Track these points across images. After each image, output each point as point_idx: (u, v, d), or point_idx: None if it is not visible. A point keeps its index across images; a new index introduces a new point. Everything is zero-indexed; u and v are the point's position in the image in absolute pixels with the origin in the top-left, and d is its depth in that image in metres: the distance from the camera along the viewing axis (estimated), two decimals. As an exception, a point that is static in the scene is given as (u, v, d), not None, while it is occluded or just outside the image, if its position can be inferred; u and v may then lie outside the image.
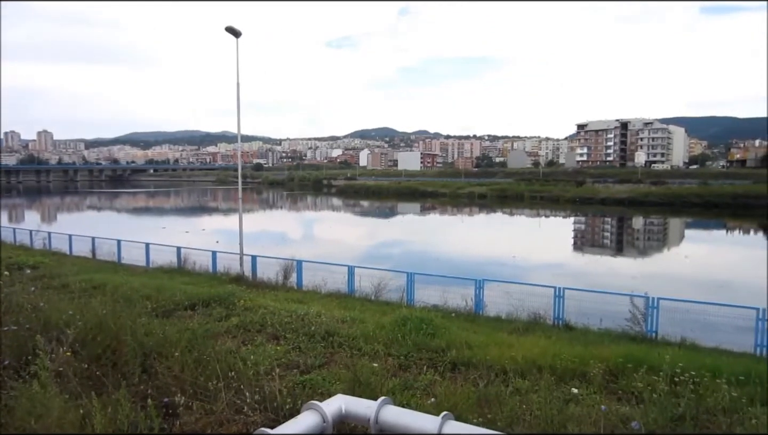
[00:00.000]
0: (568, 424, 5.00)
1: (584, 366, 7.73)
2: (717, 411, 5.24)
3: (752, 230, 60.08)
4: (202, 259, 22.83)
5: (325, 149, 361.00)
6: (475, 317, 14.74)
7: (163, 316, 10.48)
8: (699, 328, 12.77)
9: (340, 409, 2.39)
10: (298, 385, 6.57)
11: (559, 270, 30.54)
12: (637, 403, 6.27)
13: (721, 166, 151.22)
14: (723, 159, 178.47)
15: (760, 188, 76.76)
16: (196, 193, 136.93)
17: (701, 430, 4.91)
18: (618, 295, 14.68)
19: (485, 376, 7.37)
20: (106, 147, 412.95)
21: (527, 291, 15.53)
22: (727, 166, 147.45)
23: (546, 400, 5.54)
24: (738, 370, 7.41)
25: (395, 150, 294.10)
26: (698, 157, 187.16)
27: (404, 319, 10.14)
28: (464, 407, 5.54)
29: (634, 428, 4.59)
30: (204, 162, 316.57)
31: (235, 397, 5.48)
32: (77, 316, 7.56)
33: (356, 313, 12.21)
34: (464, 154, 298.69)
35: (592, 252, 42.61)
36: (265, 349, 8.32)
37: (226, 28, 21.40)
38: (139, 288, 13.80)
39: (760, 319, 12.29)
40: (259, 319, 10.54)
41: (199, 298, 12.47)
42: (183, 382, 5.75)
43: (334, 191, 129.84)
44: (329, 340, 9.27)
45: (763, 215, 66.05)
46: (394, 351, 8.71)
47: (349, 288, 18.20)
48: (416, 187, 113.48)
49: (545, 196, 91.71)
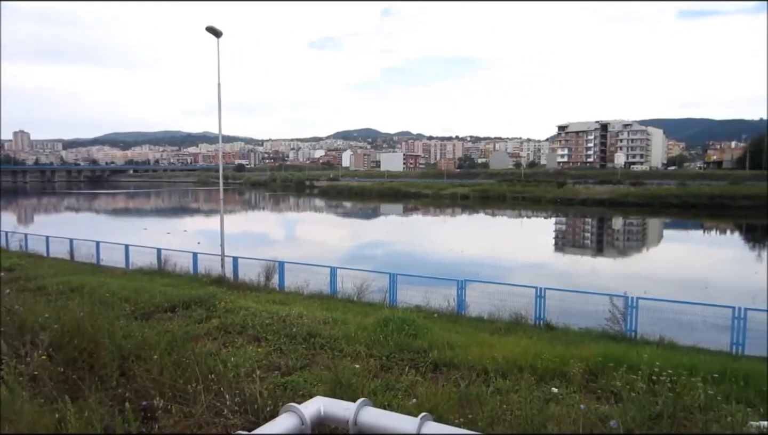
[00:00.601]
0: (548, 424, 5.03)
1: (564, 365, 7.79)
2: (694, 409, 5.32)
3: (728, 230, 61.17)
4: (183, 261, 22.60)
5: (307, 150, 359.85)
6: (457, 318, 14.79)
7: (142, 318, 10.37)
8: (677, 327, 12.95)
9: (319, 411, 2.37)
10: (279, 387, 6.54)
11: (541, 270, 30.76)
12: (616, 401, 6.34)
13: (698, 168, 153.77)
14: (700, 160, 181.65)
15: (736, 189, 78.28)
16: (177, 194, 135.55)
17: (678, 428, 4.98)
18: (598, 295, 14.82)
19: (466, 377, 7.40)
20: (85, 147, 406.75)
21: (509, 291, 15.62)
22: (704, 168, 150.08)
23: (526, 399, 5.58)
24: (714, 368, 7.53)
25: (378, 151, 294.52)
26: (676, 159, 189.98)
27: (386, 320, 10.14)
28: (445, 408, 5.55)
29: (613, 427, 4.63)
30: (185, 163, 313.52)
31: (215, 400, 5.43)
32: (54, 319, 7.43)
33: (338, 314, 12.18)
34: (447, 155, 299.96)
35: (573, 252, 43.02)
36: (245, 351, 8.26)
37: (207, 28, 21.22)
38: (118, 290, 13.62)
39: (735, 318, 12.49)
40: (240, 321, 10.47)
41: (180, 299, 12.35)
42: (162, 385, 5.69)
43: (317, 192, 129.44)
44: (311, 342, 9.24)
45: (738, 216, 67.35)
46: (376, 352, 8.70)
47: (331, 289, 18.14)
48: (399, 188, 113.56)
49: (527, 196, 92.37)
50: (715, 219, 66.89)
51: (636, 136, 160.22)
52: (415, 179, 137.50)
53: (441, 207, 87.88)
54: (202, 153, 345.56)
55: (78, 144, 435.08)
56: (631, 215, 70.73)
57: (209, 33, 21.27)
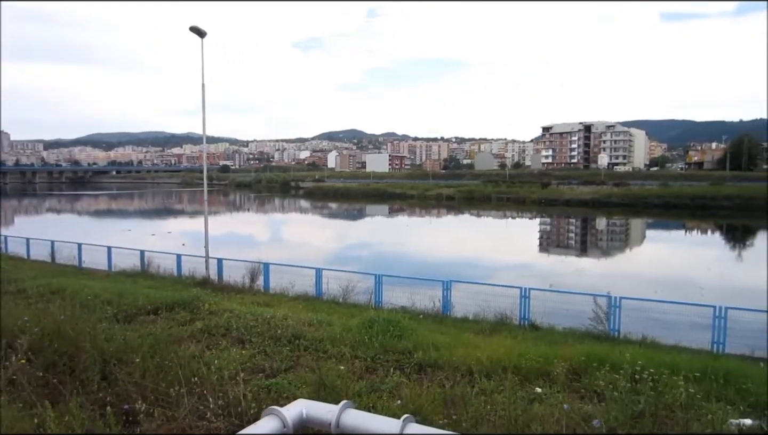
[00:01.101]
0: (531, 424, 5.06)
1: (548, 365, 7.84)
2: (675, 407, 5.38)
3: (709, 230, 62.04)
4: (167, 263, 22.40)
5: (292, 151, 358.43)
6: (442, 318, 14.83)
7: (124, 321, 10.26)
8: (659, 326, 13.10)
9: (301, 414, 2.35)
10: (263, 390, 6.50)
11: (526, 270, 30.93)
12: (599, 401, 6.39)
13: (679, 168, 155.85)
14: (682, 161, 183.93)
15: (716, 190, 79.46)
16: (160, 196, 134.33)
17: (660, 427, 5.03)
18: (582, 295, 14.93)
19: (451, 377, 7.41)
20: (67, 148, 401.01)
21: (494, 291, 15.68)
22: (686, 168, 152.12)
23: (510, 400, 5.60)
24: (695, 366, 7.63)
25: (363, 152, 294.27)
26: (658, 160, 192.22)
27: (371, 321, 10.13)
28: (430, 409, 5.55)
29: (596, 426, 4.67)
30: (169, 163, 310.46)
31: (198, 403, 5.38)
32: (33, 322, 7.33)
33: (324, 316, 12.15)
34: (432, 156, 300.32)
35: (558, 253, 43.32)
36: (229, 354, 8.20)
37: (191, 28, 21.05)
38: (100, 293, 13.45)
39: (716, 317, 12.66)
40: (224, 323, 10.39)
41: (163, 302, 12.23)
42: (144, 389, 5.63)
43: (302, 193, 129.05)
44: (295, 344, 9.19)
45: (719, 216, 68.36)
46: (361, 353, 8.69)
47: (317, 291, 18.09)
48: (384, 189, 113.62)
49: (512, 197, 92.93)
50: (697, 219, 67.79)
51: (619, 137, 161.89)
52: (401, 180, 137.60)
53: (426, 208, 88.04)
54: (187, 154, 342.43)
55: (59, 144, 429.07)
56: (615, 216, 71.44)
57: (193, 33, 21.10)
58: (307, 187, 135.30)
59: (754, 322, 12.74)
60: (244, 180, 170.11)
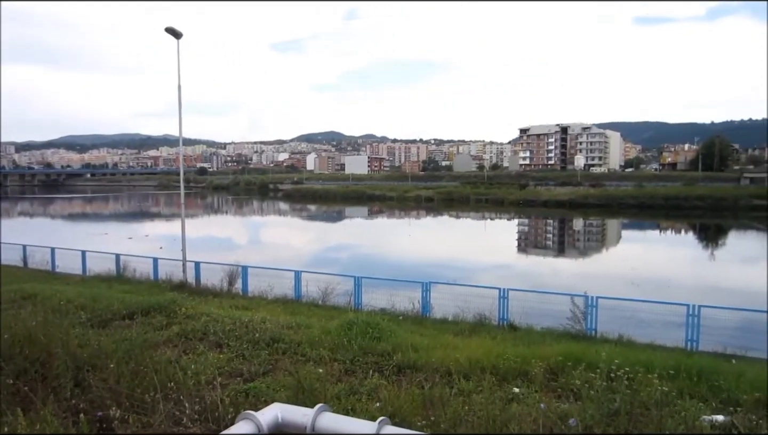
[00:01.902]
0: (509, 424, 5.09)
1: (526, 365, 7.91)
2: (650, 405, 5.45)
3: (683, 230, 63.24)
4: (144, 267, 22.09)
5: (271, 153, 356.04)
6: (422, 320, 14.86)
7: (98, 326, 10.08)
8: (635, 324, 13.31)
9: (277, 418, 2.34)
10: (240, 394, 6.44)
11: (505, 271, 31.20)
12: (576, 399, 6.47)
13: (654, 169, 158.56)
14: (656, 162, 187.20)
15: (689, 190, 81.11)
16: (137, 198, 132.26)
17: (635, 424, 5.10)
18: (560, 295, 15.09)
19: (430, 379, 7.43)
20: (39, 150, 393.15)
21: (473, 292, 15.78)
22: (660, 170, 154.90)
23: (488, 400, 5.63)
24: (669, 364, 7.76)
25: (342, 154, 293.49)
26: (633, 161, 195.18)
27: (350, 324, 10.11)
28: (408, 410, 5.56)
29: (572, 425, 4.72)
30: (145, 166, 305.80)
31: (174, 409, 5.30)
32: (4, 328, 7.17)
33: (302, 319, 12.10)
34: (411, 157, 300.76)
35: (536, 253, 43.76)
36: (206, 358, 8.11)
37: (166, 29, 20.82)
38: (74, 298, 13.19)
39: (690, 315, 12.91)
40: (201, 327, 10.27)
41: (139, 306, 12.04)
42: (118, 395, 5.53)
43: (281, 195, 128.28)
44: (274, 347, 9.13)
45: (692, 216, 69.75)
46: (340, 356, 8.66)
47: (296, 293, 18.01)
48: (364, 191, 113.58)
49: (490, 198, 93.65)
50: (671, 219, 69.06)
51: (595, 139, 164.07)
52: (380, 182, 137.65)
53: (406, 209, 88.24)
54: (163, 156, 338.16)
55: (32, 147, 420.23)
56: (591, 216, 72.43)
57: (169, 34, 20.87)
58: (286, 190, 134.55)
59: (728, 319, 13.05)
60: (222, 182, 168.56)
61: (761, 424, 5.83)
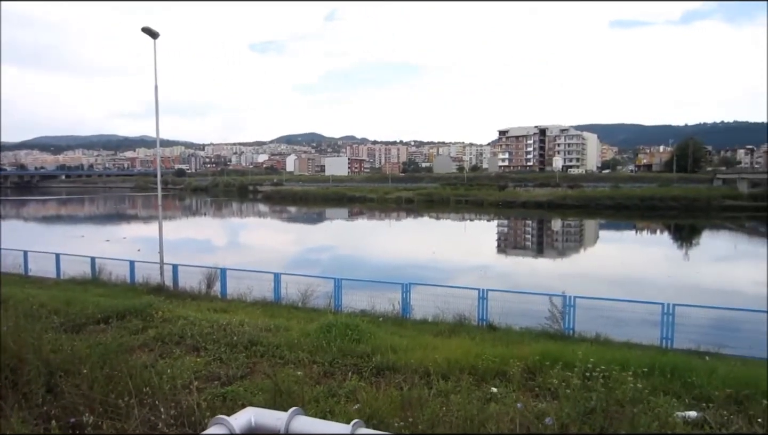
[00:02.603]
0: (487, 423, 5.11)
1: (504, 365, 7.97)
2: (625, 402, 5.53)
3: (658, 230, 64.32)
4: (120, 270, 21.75)
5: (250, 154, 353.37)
6: (402, 321, 14.87)
7: (72, 331, 9.89)
8: (612, 323, 13.52)
9: (250, 422, 2.31)
10: (217, 398, 6.38)
11: (484, 272, 31.38)
12: (552, 398, 6.53)
13: (630, 171, 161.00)
14: (632, 164, 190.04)
15: (664, 191, 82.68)
16: (113, 200, 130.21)
17: (610, 422, 5.16)
18: (538, 295, 15.24)
19: (409, 380, 7.43)
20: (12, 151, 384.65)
21: (453, 293, 15.84)
22: (636, 171, 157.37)
23: (466, 400, 5.65)
24: (644, 362, 7.88)
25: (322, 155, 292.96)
26: (610, 162, 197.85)
27: (329, 326, 10.09)
28: (387, 411, 5.55)
29: (548, 424, 4.76)
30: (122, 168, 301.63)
31: (149, 414, 5.22)
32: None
33: (282, 321, 12.04)
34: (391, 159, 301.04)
35: (515, 254, 44.12)
36: (183, 362, 8.01)
37: (143, 28, 20.53)
38: (47, 302, 12.92)
39: (665, 314, 13.13)
40: (178, 331, 10.15)
41: (114, 310, 11.85)
42: (92, 401, 5.43)
43: (261, 197, 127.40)
44: (252, 350, 9.07)
45: (667, 216, 71.01)
46: (319, 358, 8.63)
47: (275, 295, 17.90)
48: (344, 193, 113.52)
49: (470, 200, 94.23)
50: (646, 219, 70.19)
51: (572, 141, 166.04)
52: (360, 183, 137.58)
53: (386, 211, 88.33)
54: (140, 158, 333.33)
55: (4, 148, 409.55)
56: (569, 217, 73.27)
57: (145, 34, 20.60)
58: (266, 191, 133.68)
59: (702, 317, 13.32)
60: (201, 184, 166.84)
61: (732, 419, 5.95)
